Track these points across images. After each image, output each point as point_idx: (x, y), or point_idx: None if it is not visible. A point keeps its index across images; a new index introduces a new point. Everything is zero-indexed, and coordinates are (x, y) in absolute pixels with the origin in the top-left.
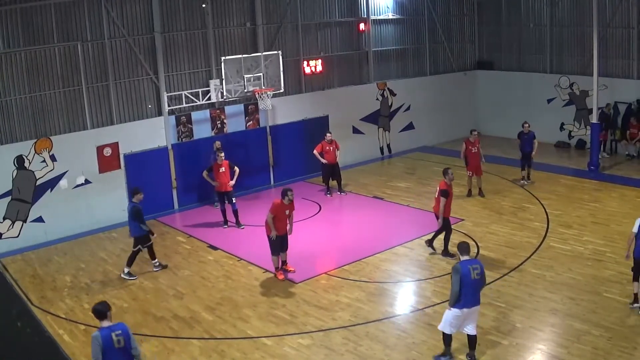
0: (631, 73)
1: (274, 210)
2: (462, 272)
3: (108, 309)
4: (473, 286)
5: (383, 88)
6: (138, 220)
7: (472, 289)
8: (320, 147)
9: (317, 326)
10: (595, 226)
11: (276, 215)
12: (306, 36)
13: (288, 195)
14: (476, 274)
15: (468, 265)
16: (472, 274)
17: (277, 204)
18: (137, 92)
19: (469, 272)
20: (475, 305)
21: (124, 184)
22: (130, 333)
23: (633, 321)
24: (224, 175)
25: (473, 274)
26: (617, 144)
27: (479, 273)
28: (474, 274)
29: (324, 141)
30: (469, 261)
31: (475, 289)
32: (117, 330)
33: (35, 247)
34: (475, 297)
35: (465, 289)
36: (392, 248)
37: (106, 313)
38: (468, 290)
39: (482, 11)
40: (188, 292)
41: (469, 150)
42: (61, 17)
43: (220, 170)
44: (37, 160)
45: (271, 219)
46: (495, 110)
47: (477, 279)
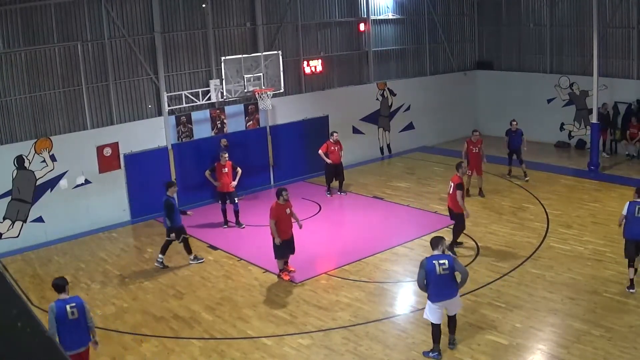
0: (631, 73)
1: (273, 215)
2: (427, 267)
3: (66, 283)
4: (441, 281)
5: (383, 88)
6: (166, 214)
7: (440, 283)
8: (326, 147)
9: (317, 326)
10: (595, 226)
11: (278, 219)
12: (306, 36)
13: (283, 195)
14: (442, 269)
15: (433, 261)
16: (438, 269)
17: (274, 207)
18: (137, 92)
19: (433, 268)
20: (451, 297)
21: (124, 184)
22: (85, 307)
23: (633, 321)
24: (227, 175)
25: (439, 269)
26: (617, 144)
27: (445, 268)
28: (440, 269)
29: (329, 141)
30: (436, 256)
31: (444, 283)
32: (72, 303)
33: (35, 247)
34: (448, 290)
35: (433, 284)
36: (392, 248)
37: (64, 286)
38: (436, 285)
39: (482, 11)
40: (188, 292)
41: (470, 150)
42: (61, 17)
43: (223, 171)
44: (37, 160)
45: (273, 225)
46: (495, 110)
47: (445, 274)
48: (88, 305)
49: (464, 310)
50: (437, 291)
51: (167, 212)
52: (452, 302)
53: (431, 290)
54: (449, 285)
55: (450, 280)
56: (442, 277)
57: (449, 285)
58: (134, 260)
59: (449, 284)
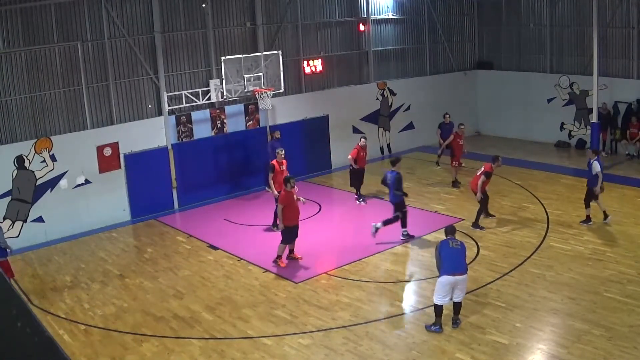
0: (631, 73)
1: (282, 200)
2: (441, 244)
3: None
4: (453, 254)
5: (383, 88)
6: (396, 187)
7: (452, 256)
8: (356, 153)
9: (317, 326)
10: (595, 226)
11: (286, 205)
12: (306, 36)
13: (290, 182)
14: (454, 244)
15: (448, 240)
16: (451, 244)
17: (283, 194)
18: (137, 92)
19: (447, 243)
20: (461, 271)
21: (124, 184)
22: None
23: (633, 321)
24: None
25: (451, 244)
26: (617, 143)
27: (457, 244)
28: (453, 244)
29: (359, 146)
30: (449, 238)
31: (456, 255)
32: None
33: (35, 247)
34: (460, 262)
35: (447, 258)
36: (392, 248)
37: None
38: (450, 259)
39: (482, 11)
40: (188, 292)
41: (457, 142)
42: (61, 17)
43: (281, 169)
44: (37, 160)
45: (280, 210)
46: (495, 110)
47: (457, 248)
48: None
49: (464, 310)
50: (450, 264)
51: (398, 185)
52: (462, 280)
53: (444, 264)
54: (461, 260)
55: (461, 256)
56: (453, 251)
57: (461, 260)
58: (134, 260)
59: (461, 259)
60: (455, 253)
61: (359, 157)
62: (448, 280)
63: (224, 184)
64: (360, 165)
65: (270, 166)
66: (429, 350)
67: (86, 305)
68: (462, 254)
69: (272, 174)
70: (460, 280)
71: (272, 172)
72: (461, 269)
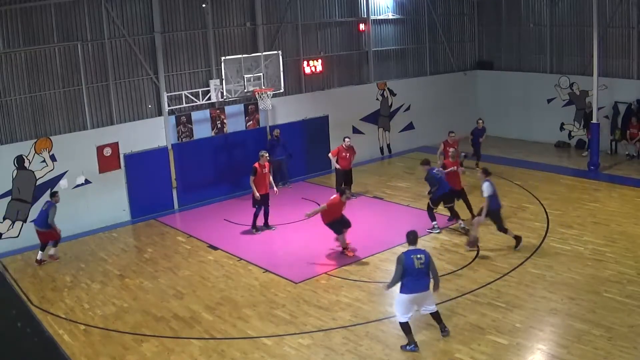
0: (631, 73)
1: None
2: (405, 263)
3: None
4: (417, 274)
5: (383, 88)
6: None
7: (416, 276)
8: (337, 152)
9: (317, 326)
10: (595, 226)
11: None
12: (306, 36)
13: (346, 194)
14: (420, 263)
15: (411, 256)
16: (416, 263)
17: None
18: (137, 92)
19: (412, 262)
20: (424, 290)
21: (124, 184)
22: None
23: (633, 321)
24: (267, 177)
25: (417, 263)
26: (617, 144)
27: (422, 262)
28: (418, 263)
29: (341, 146)
30: (413, 251)
31: (420, 276)
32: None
33: (35, 247)
34: (422, 283)
35: (410, 277)
36: (392, 248)
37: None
38: (413, 278)
39: (482, 11)
40: (188, 292)
41: (447, 151)
42: (61, 17)
43: (264, 172)
44: (37, 160)
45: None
46: (495, 110)
47: (421, 268)
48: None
49: (464, 310)
50: (413, 283)
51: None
52: (426, 295)
53: (407, 283)
54: (424, 278)
55: (425, 275)
56: (419, 271)
57: (424, 278)
58: (134, 260)
59: (424, 277)
60: (420, 274)
61: (340, 157)
62: (409, 298)
63: (224, 184)
64: (342, 165)
65: (253, 169)
66: (428, 351)
67: (86, 305)
68: (426, 274)
69: (254, 177)
70: (423, 295)
71: (254, 175)
72: (426, 287)
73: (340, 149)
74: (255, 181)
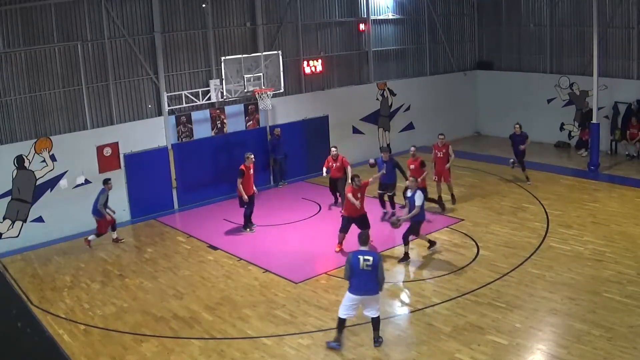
0: (631, 73)
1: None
2: (352, 261)
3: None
4: (363, 276)
5: (383, 88)
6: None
7: (362, 278)
8: (326, 163)
9: (317, 326)
10: (595, 226)
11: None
12: (306, 36)
13: (355, 181)
14: (366, 265)
15: (359, 256)
16: (362, 264)
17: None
18: (137, 92)
19: (358, 262)
20: (369, 294)
21: (124, 184)
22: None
23: (633, 321)
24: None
25: (363, 265)
26: (617, 144)
27: (369, 265)
28: (364, 264)
29: (330, 156)
30: (362, 252)
31: (366, 278)
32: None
33: (35, 247)
34: (368, 285)
35: (356, 277)
36: (392, 248)
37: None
38: (358, 279)
39: (482, 11)
40: (188, 292)
41: (435, 154)
42: (61, 17)
43: (250, 173)
44: (37, 160)
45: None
46: (495, 110)
47: (368, 270)
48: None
49: (464, 310)
50: (358, 284)
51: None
52: (371, 299)
53: (353, 283)
54: (371, 281)
55: (371, 277)
56: (364, 273)
57: (371, 281)
58: (134, 260)
59: (370, 280)
60: (366, 275)
61: (330, 167)
62: (356, 299)
63: (223, 184)
64: (332, 175)
65: (240, 171)
66: (429, 351)
67: (86, 305)
68: (373, 276)
69: (241, 179)
70: (369, 298)
71: (242, 177)
72: (371, 291)
73: (329, 160)
74: (242, 183)
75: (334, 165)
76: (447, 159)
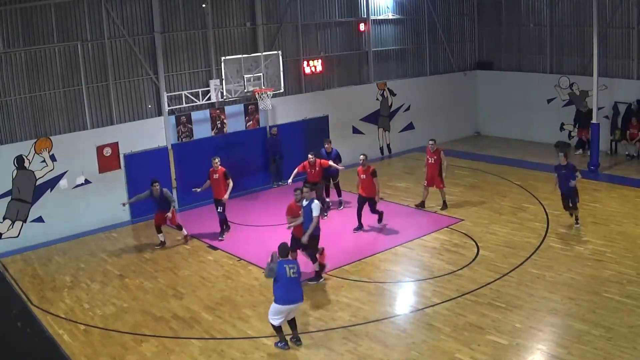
0: (631, 73)
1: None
2: (278, 271)
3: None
4: (290, 284)
5: (383, 88)
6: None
7: (290, 286)
8: (301, 168)
9: (317, 326)
10: (595, 226)
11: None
12: (306, 36)
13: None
14: (292, 272)
15: (284, 265)
16: (288, 272)
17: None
18: (137, 92)
19: (284, 271)
20: (298, 302)
21: (124, 184)
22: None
23: (633, 321)
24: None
25: (289, 273)
26: (617, 144)
27: (295, 272)
28: (290, 272)
29: (306, 162)
30: (286, 261)
31: (293, 287)
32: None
33: (35, 247)
34: (297, 293)
35: (284, 287)
36: (392, 248)
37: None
38: (286, 288)
39: (482, 11)
40: (188, 292)
41: (427, 159)
42: (61, 17)
43: (215, 177)
44: (37, 160)
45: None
46: (495, 110)
47: (294, 277)
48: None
49: (464, 310)
50: (287, 295)
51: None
52: (297, 307)
53: (280, 294)
54: (296, 289)
55: (298, 285)
56: (291, 280)
57: (296, 289)
58: (134, 260)
59: (297, 288)
60: (293, 283)
61: (308, 173)
62: (281, 308)
63: None
64: (310, 179)
65: (208, 173)
66: (428, 351)
67: (86, 305)
68: (299, 283)
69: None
70: (296, 307)
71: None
72: (299, 299)
73: (306, 165)
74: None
75: (312, 172)
76: (439, 165)
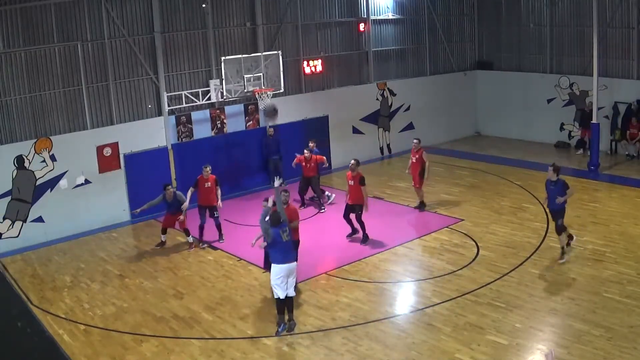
0: (631, 73)
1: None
2: (273, 234)
3: None
4: (285, 246)
5: (383, 88)
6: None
7: (284, 248)
8: (297, 161)
9: (317, 326)
10: (595, 226)
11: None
12: (306, 36)
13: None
14: (285, 235)
15: (278, 230)
16: (282, 236)
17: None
18: (137, 92)
19: (279, 234)
20: (293, 261)
21: (124, 184)
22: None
23: (633, 321)
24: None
25: (283, 236)
26: (617, 144)
27: (288, 234)
28: (284, 236)
29: (302, 156)
30: (279, 226)
31: (287, 249)
32: None
33: (35, 247)
34: (290, 255)
35: (278, 249)
36: (392, 248)
37: None
38: (280, 249)
39: (482, 11)
40: (188, 292)
41: (410, 159)
42: (61, 17)
43: (205, 186)
44: (37, 160)
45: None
46: (495, 110)
47: (288, 240)
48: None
49: (464, 310)
50: (282, 256)
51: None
52: (293, 268)
53: (277, 256)
54: (291, 251)
55: (291, 247)
56: (286, 243)
57: (291, 251)
58: (134, 260)
59: (291, 250)
60: (287, 245)
61: (303, 167)
62: (282, 267)
63: (223, 184)
64: (305, 174)
65: (195, 181)
66: (428, 350)
67: (86, 305)
68: (292, 247)
69: (194, 189)
70: (293, 267)
71: (195, 187)
72: (292, 259)
73: (300, 158)
74: (197, 193)
75: (307, 166)
76: (421, 164)
